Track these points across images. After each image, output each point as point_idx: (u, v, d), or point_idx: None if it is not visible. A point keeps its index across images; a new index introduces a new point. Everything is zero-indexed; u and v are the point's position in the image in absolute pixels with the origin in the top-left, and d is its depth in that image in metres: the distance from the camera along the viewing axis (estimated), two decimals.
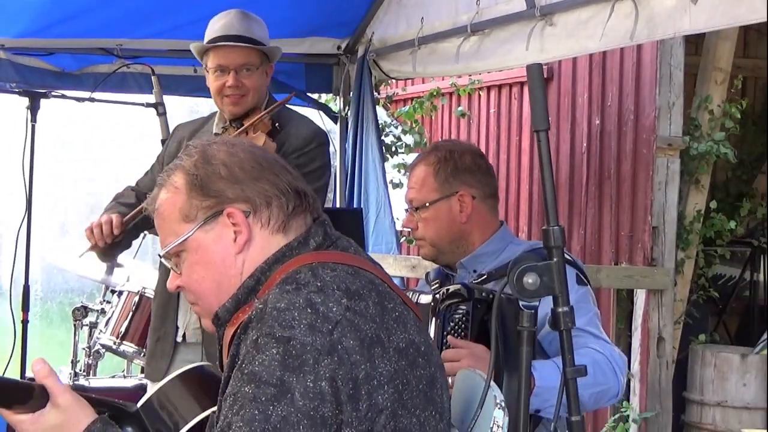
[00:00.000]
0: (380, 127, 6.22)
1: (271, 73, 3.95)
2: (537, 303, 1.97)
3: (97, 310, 5.22)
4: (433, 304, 2.70)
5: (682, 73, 5.92)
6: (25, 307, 4.44)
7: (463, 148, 3.12)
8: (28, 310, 4.46)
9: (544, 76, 2.05)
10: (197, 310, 2.12)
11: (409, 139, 7.61)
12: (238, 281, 2.01)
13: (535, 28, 4.22)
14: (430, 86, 7.60)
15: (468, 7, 4.69)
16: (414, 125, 7.64)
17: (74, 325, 5.08)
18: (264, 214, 2.01)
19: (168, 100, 4.81)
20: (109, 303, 5.26)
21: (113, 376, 5.23)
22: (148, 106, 4.77)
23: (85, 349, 5.09)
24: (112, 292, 5.19)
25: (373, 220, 5.70)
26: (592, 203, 6.30)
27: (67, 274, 6.30)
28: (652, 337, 5.81)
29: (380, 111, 6.47)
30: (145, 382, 4.87)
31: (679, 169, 5.94)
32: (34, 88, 4.63)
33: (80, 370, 5.01)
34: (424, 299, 2.76)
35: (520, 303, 1.96)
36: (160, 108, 4.73)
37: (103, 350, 5.10)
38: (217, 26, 3.81)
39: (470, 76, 7.06)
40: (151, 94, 4.88)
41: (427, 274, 3.21)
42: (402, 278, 5.72)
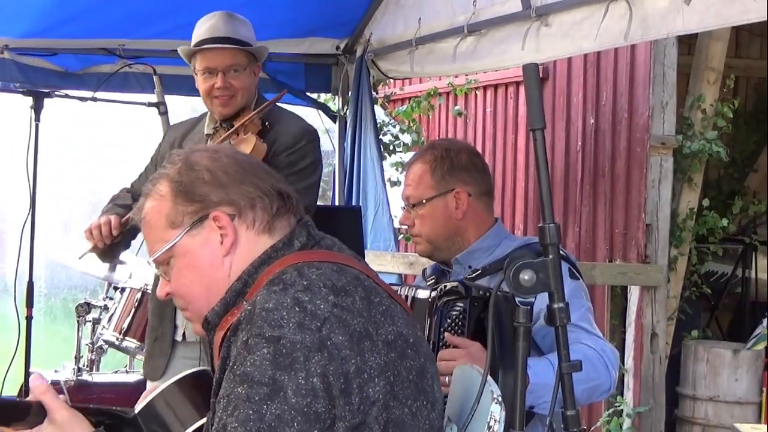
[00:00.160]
0: (378, 126, 6.21)
1: (259, 72, 3.92)
2: (533, 299, 1.97)
3: (100, 307, 5.22)
4: (431, 300, 2.70)
5: (675, 72, 5.93)
6: (29, 304, 4.44)
7: (460, 146, 3.12)
8: (32, 307, 4.45)
9: (540, 75, 2.04)
10: (188, 315, 2.12)
11: (406, 138, 7.61)
12: (226, 284, 2.01)
13: (531, 28, 4.21)
14: (428, 86, 7.61)
15: (464, 8, 4.69)
16: (412, 124, 7.65)
17: (77, 322, 5.08)
18: (249, 215, 2.02)
19: (169, 100, 4.81)
20: (111, 299, 5.26)
21: (116, 372, 5.22)
22: (150, 105, 4.76)
23: (88, 344, 5.08)
24: (115, 288, 5.19)
25: (371, 218, 5.70)
26: (587, 201, 6.30)
27: (70, 271, 6.30)
28: (645, 333, 5.82)
29: (378, 110, 6.48)
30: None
31: (672, 168, 5.95)
32: (38, 87, 4.62)
33: (83, 366, 5.01)
34: (422, 294, 2.76)
35: (516, 299, 1.96)
36: (161, 107, 4.72)
37: (106, 346, 5.10)
38: (203, 29, 3.79)
39: (467, 75, 7.07)
40: (153, 93, 4.87)
41: (424, 270, 3.21)
42: (400, 275, 5.72)
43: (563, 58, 6.14)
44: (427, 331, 2.68)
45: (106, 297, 5.34)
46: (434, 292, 2.70)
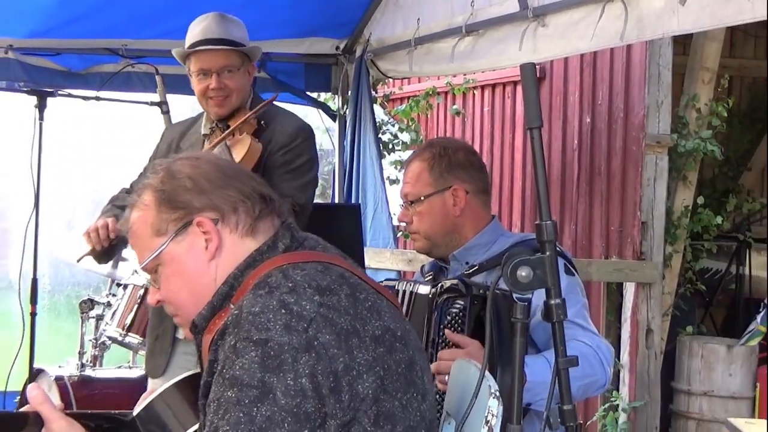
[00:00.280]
0: (377, 125, 6.22)
1: (254, 72, 3.91)
2: (530, 295, 1.97)
3: (103, 303, 5.22)
4: (431, 297, 2.70)
5: (670, 72, 5.92)
6: (34, 300, 4.45)
7: (457, 145, 3.13)
8: (36, 303, 4.46)
9: (537, 75, 2.04)
10: (178, 321, 2.13)
11: (405, 137, 7.61)
12: (213, 288, 2.01)
13: (528, 28, 4.22)
14: (426, 85, 7.61)
15: (463, 9, 4.70)
16: (410, 123, 7.65)
17: (81, 318, 5.08)
18: (232, 219, 2.03)
19: (171, 99, 4.80)
20: (114, 296, 5.25)
21: (119, 367, 5.21)
22: (153, 104, 4.76)
23: (91, 340, 5.08)
24: (118, 285, 5.18)
25: (370, 216, 5.70)
26: (583, 199, 6.30)
27: (74, 268, 6.29)
28: (641, 329, 5.82)
29: (377, 109, 6.48)
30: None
31: (668, 166, 5.95)
32: (42, 87, 4.62)
33: (87, 361, 5.00)
34: (423, 290, 2.77)
35: (514, 295, 1.96)
36: (163, 106, 4.72)
37: (109, 342, 5.10)
38: (196, 30, 3.77)
39: (465, 75, 7.06)
40: (155, 93, 4.87)
41: (422, 267, 3.22)
42: (399, 271, 5.72)
43: (560, 58, 6.14)
44: (427, 327, 2.68)
45: (109, 294, 5.34)
46: (434, 289, 2.71)
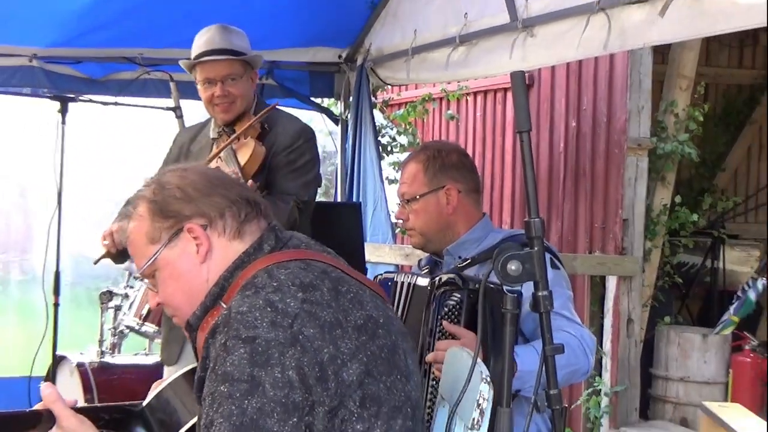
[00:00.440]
0: (377, 128, 6.21)
1: (256, 78, 3.89)
2: (520, 288, 1.97)
3: (121, 294, 5.22)
4: (430, 288, 2.70)
5: (650, 80, 5.92)
6: (57, 292, 4.44)
7: (450, 147, 3.13)
8: (59, 294, 4.46)
9: (526, 82, 2.03)
10: (176, 321, 2.14)
11: (403, 140, 7.61)
12: (206, 289, 2.02)
13: (518, 39, 4.21)
14: (423, 92, 7.60)
15: (456, 20, 4.69)
16: (408, 127, 7.64)
17: (101, 308, 5.08)
18: (219, 224, 2.04)
19: (185, 104, 4.79)
20: (132, 288, 5.26)
21: (136, 354, 5.22)
22: (167, 109, 4.75)
23: (110, 329, 5.08)
24: (135, 278, 5.18)
25: (370, 213, 5.70)
26: (569, 198, 6.30)
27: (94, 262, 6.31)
28: (622, 319, 5.82)
29: (377, 114, 6.48)
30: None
31: (647, 167, 5.94)
32: (64, 93, 4.62)
33: (106, 349, 5.01)
34: (422, 282, 2.77)
35: (504, 288, 1.96)
36: (177, 111, 4.71)
37: (127, 330, 5.10)
38: (200, 42, 3.76)
39: (459, 82, 7.05)
40: (170, 98, 4.86)
41: (419, 261, 3.22)
42: (397, 265, 5.72)
43: (548, 66, 6.14)
44: (426, 316, 2.68)
45: (127, 285, 5.34)
46: (433, 281, 2.70)
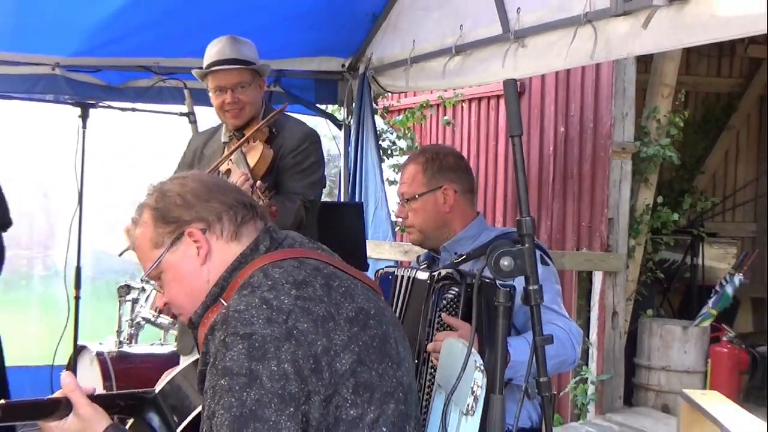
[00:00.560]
0: (378, 133, 6.22)
1: (265, 86, 3.89)
2: (512, 282, 1.97)
3: (138, 288, 5.21)
4: (429, 282, 2.70)
5: (633, 88, 5.93)
6: (77, 285, 4.45)
7: (447, 150, 3.13)
8: (80, 288, 4.47)
9: (518, 90, 2.04)
10: (182, 319, 2.15)
11: (402, 144, 7.61)
12: (207, 289, 2.03)
13: (510, 49, 4.22)
14: (421, 99, 7.61)
15: (453, 32, 4.70)
16: (407, 132, 7.64)
17: (119, 301, 5.08)
18: (217, 227, 2.05)
19: (198, 110, 4.80)
20: (148, 282, 5.25)
21: (152, 344, 5.21)
22: (181, 115, 4.76)
23: (128, 321, 5.08)
24: (142, 280, 5.17)
25: (372, 212, 5.70)
26: (558, 198, 6.31)
27: (113, 258, 6.30)
28: (607, 312, 5.83)
29: (378, 119, 6.47)
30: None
31: (631, 170, 5.95)
32: (85, 99, 4.62)
33: (124, 339, 5.01)
34: (422, 276, 2.77)
35: (497, 282, 1.97)
36: (191, 117, 4.72)
37: (144, 322, 5.10)
38: (211, 52, 3.76)
39: (454, 90, 7.06)
40: (184, 104, 4.87)
41: (418, 257, 3.23)
42: (396, 261, 5.72)
43: (538, 75, 6.15)
44: (425, 308, 2.68)
45: (144, 280, 5.34)
46: (432, 275, 2.71)
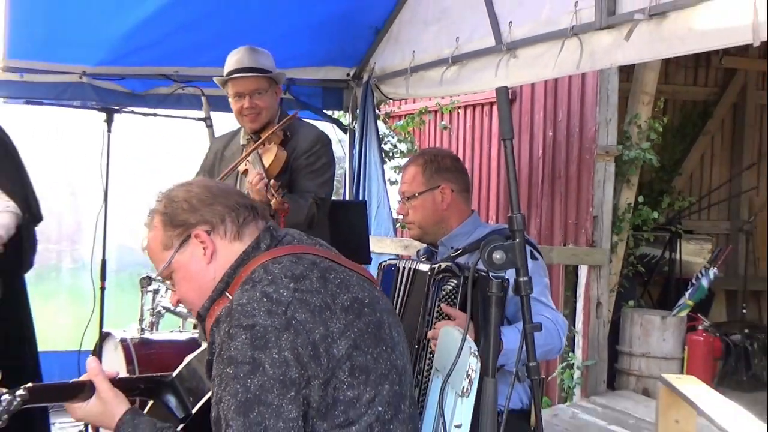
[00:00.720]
0: (380, 136, 6.22)
1: (280, 93, 3.91)
2: (504, 274, 1.98)
3: (159, 279, 5.21)
4: (430, 274, 2.71)
5: (616, 95, 5.93)
6: (103, 277, 4.44)
7: (444, 153, 3.14)
8: (105, 279, 4.46)
9: (509, 97, 2.04)
10: (193, 313, 2.15)
11: (403, 147, 7.61)
12: (213, 285, 2.04)
13: (502, 60, 4.22)
14: (420, 105, 7.60)
15: (449, 43, 4.70)
16: (407, 136, 7.64)
17: (141, 291, 5.07)
18: (221, 228, 2.05)
19: (214, 116, 4.80)
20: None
21: (171, 331, 5.20)
22: (199, 120, 4.76)
23: (149, 310, 5.07)
24: (154, 279, 5.16)
25: (374, 210, 5.71)
26: (546, 197, 6.31)
27: (135, 251, 6.30)
28: (592, 303, 5.83)
29: (380, 124, 6.48)
30: (195, 335, 4.89)
31: (614, 171, 5.95)
32: (109, 105, 4.62)
33: (145, 327, 5.00)
34: (423, 267, 2.77)
35: (490, 274, 1.97)
36: (208, 121, 4.72)
37: (164, 311, 5.09)
38: (231, 61, 3.78)
39: (451, 97, 7.05)
40: (201, 110, 4.87)
41: (418, 251, 3.23)
42: (397, 255, 5.72)
43: (528, 83, 6.14)
44: (426, 298, 2.69)
45: None
46: (433, 267, 2.71)
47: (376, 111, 5.92)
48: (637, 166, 6.11)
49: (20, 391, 1.97)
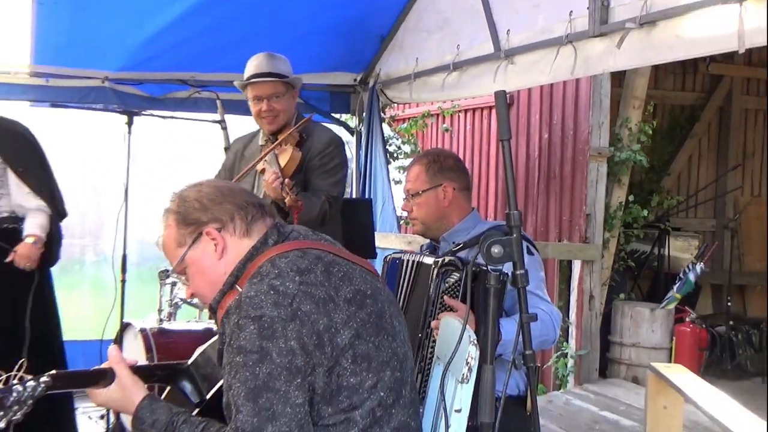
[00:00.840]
0: (385, 138, 6.22)
1: (297, 97, 3.91)
2: (502, 267, 1.98)
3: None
4: (434, 267, 2.71)
5: (608, 100, 5.93)
6: (124, 270, 4.45)
7: (447, 153, 3.14)
8: (126, 273, 4.47)
9: (507, 101, 2.04)
10: (206, 306, 2.16)
11: (406, 148, 7.61)
12: (224, 279, 2.04)
13: (501, 66, 4.22)
14: (423, 109, 7.60)
15: (451, 50, 4.70)
16: (410, 138, 7.64)
17: (160, 284, 5.07)
18: (230, 226, 2.05)
19: (228, 118, 4.81)
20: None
21: (188, 321, 5.21)
22: (214, 122, 4.76)
23: (167, 301, 5.08)
24: (168, 275, 5.17)
25: (380, 208, 5.71)
26: (542, 196, 6.31)
27: (154, 246, 6.31)
28: (585, 295, 5.83)
29: (385, 127, 6.47)
30: (210, 325, 4.89)
31: (606, 172, 5.95)
32: (130, 108, 4.63)
33: (164, 317, 5.01)
34: (428, 260, 2.78)
35: (488, 267, 1.97)
36: (222, 124, 4.72)
37: (181, 302, 5.10)
38: (251, 66, 3.78)
39: (452, 101, 7.06)
40: (216, 113, 4.87)
41: (421, 246, 3.23)
42: (401, 250, 5.73)
43: (525, 88, 6.14)
44: (429, 290, 2.69)
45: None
46: (437, 261, 2.72)
47: (382, 114, 5.92)
48: (627, 166, 6.10)
49: (44, 378, 1.98)
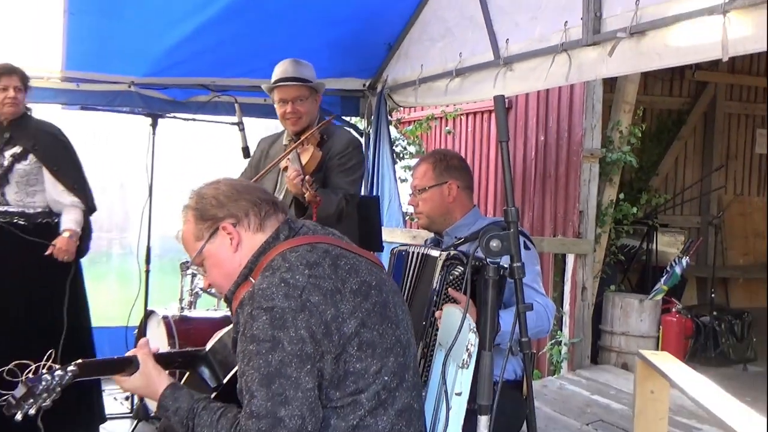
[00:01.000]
0: (392, 140, 6.22)
1: (320, 100, 3.92)
2: (500, 260, 1.98)
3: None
4: (439, 259, 2.71)
5: (600, 104, 5.91)
6: (148, 262, 4.47)
7: (452, 153, 3.15)
8: (150, 263, 4.49)
9: (506, 105, 2.03)
10: (222, 297, 2.16)
11: (412, 149, 7.60)
12: (239, 271, 2.04)
13: (500, 72, 4.22)
14: (427, 112, 7.60)
15: (453, 58, 4.70)
16: (415, 139, 7.63)
17: (181, 275, 5.08)
18: (245, 221, 2.05)
19: (246, 121, 4.80)
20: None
21: (207, 310, 5.21)
22: (232, 124, 4.76)
23: (188, 291, 5.08)
24: (187, 267, 5.17)
25: (386, 205, 5.71)
26: (538, 194, 6.30)
27: (177, 239, 6.30)
28: (578, 287, 5.82)
29: (392, 129, 6.47)
30: (228, 313, 4.89)
31: (598, 171, 5.94)
32: (154, 111, 4.64)
33: (185, 306, 5.01)
34: (433, 253, 2.78)
35: (487, 260, 1.97)
36: (240, 126, 4.70)
37: (201, 292, 5.11)
38: (278, 71, 3.79)
39: (455, 105, 7.05)
40: (235, 116, 4.87)
41: (426, 240, 3.23)
42: (407, 243, 5.72)
43: (522, 93, 6.13)
44: (434, 281, 2.69)
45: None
46: (442, 254, 2.71)
47: (389, 117, 5.92)
48: (618, 167, 6.09)
49: (71, 367, 1.99)
